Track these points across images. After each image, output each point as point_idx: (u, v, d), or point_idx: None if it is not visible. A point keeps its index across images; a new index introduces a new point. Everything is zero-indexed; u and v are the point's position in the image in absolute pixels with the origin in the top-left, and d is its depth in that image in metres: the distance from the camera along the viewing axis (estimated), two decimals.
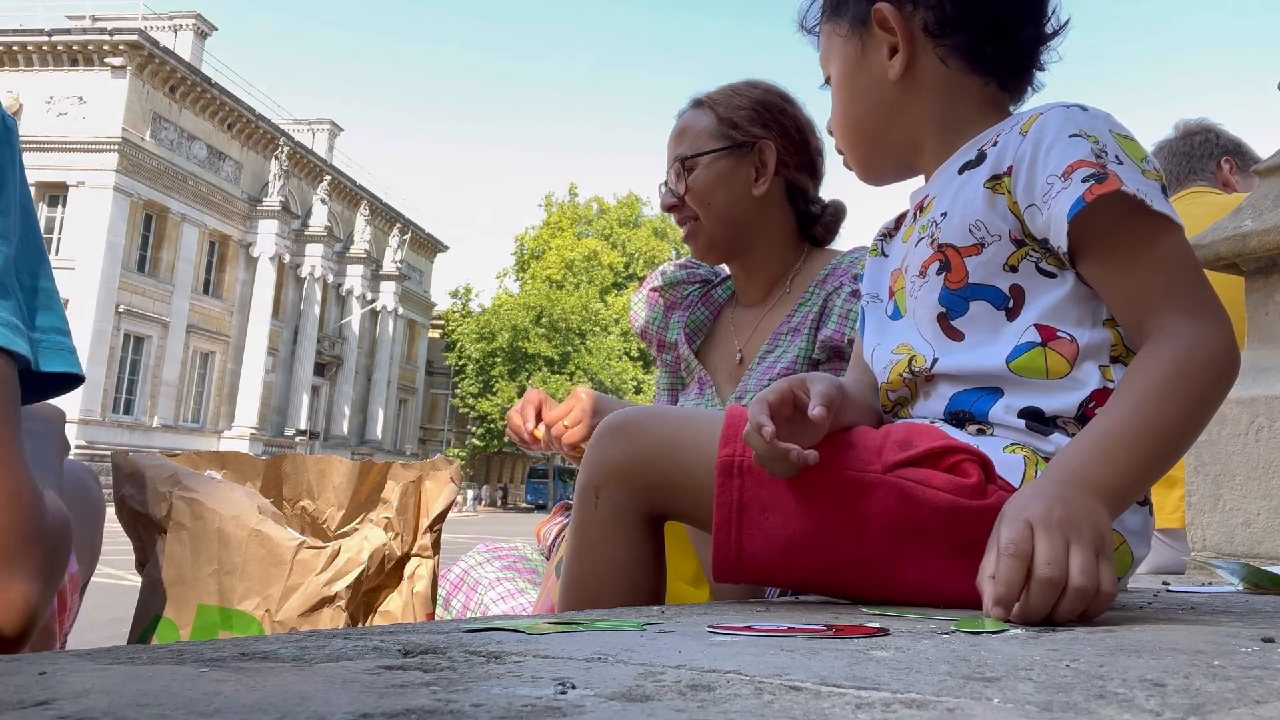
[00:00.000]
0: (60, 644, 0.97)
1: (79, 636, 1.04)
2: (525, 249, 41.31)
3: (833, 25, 1.10)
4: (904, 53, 1.03)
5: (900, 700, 0.41)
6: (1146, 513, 0.92)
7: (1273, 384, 1.62)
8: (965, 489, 0.85)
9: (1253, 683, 0.48)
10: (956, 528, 0.85)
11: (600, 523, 0.99)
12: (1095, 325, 0.91)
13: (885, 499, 0.86)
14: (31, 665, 0.46)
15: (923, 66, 1.03)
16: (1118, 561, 0.86)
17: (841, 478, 0.87)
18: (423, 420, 43.56)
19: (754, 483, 0.89)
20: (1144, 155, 0.90)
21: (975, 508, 0.84)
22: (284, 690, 0.42)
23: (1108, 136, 0.90)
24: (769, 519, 0.89)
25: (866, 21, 1.05)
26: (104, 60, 26.28)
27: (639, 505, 0.99)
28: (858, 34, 1.06)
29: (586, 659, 0.52)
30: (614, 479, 0.98)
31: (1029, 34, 1.03)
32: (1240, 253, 1.68)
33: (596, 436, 1.01)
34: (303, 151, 33.87)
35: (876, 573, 0.89)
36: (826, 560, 0.90)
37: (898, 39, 1.03)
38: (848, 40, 1.08)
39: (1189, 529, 1.68)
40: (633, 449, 0.98)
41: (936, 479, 0.85)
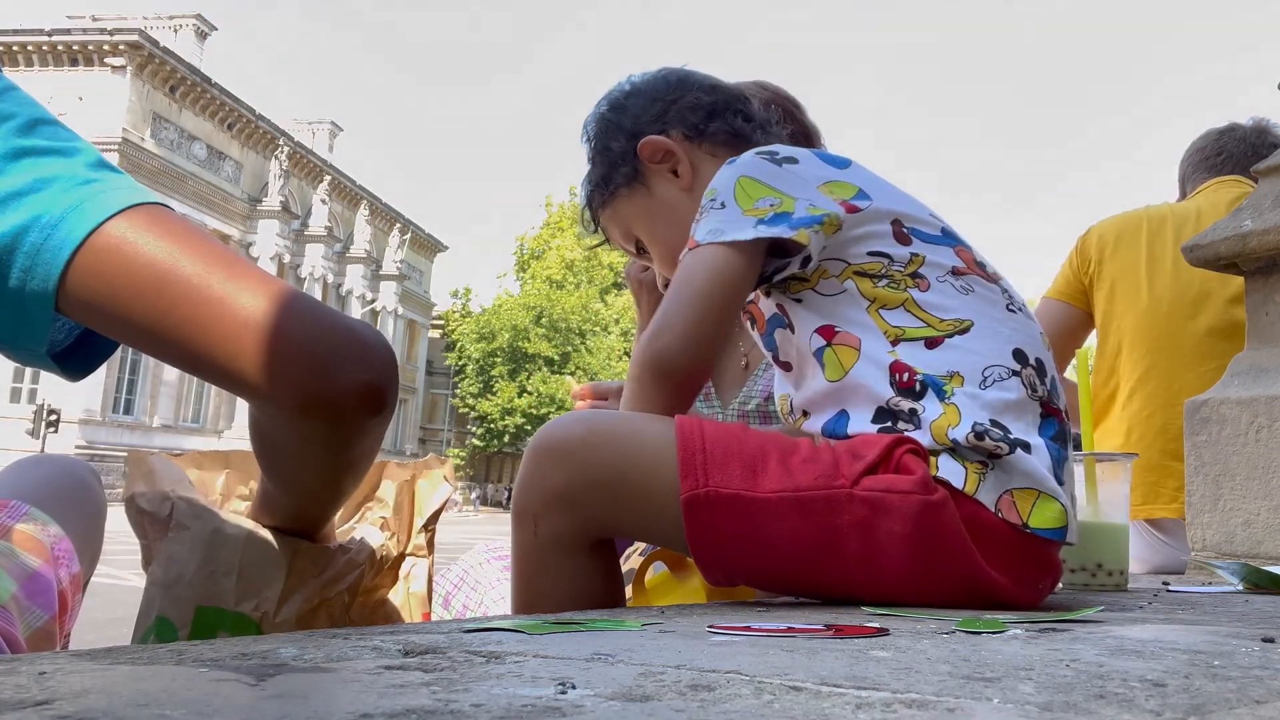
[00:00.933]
0: (62, 644, 0.97)
1: (80, 637, 1.04)
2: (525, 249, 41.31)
3: (613, 204, 1.22)
4: (685, 162, 1.17)
5: (900, 700, 0.41)
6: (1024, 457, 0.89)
7: (1273, 384, 1.62)
8: (920, 484, 0.85)
9: (1253, 683, 0.48)
10: (923, 528, 0.85)
11: (540, 551, 0.93)
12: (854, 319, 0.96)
13: (858, 513, 0.85)
14: (31, 665, 0.46)
15: (702, 165, 1.16)
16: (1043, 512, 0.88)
17: (814, 500, 0.86)
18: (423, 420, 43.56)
19: (725, 514, 0.87)
20: (761, 195, 0.98)
21: (934, 503, 0.85)
22: (284, 690, 0.42)
23: (729, 184, 1.00)
24: (748, 549, 0.88)
25: (638, 168, 1.18)
26: (104, 60, 26.29)
27: (581, 533, 0.93)
28: (638, 184, 1.19)
29: (586, 659, 0.52)
30: (554, 506, 0.92)
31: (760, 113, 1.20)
32: (1240, 253, 1.68)
33: (532, 456, 0.93)
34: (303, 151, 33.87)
35: (862, 588, 0.89)
36: (813, 580, 0.91)
37: (675, 155, 1.17)
38: (631, 198, 1.20)
39: (1189, 529, 1.68)
40: (575, 474, 0.91)
41: (899, 483, 0.86)
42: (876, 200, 1.00)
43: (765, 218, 0.96)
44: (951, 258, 0.98)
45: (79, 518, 1.04)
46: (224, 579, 0.91)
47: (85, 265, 0.68)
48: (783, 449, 0.89)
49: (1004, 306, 0.97)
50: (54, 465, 1.10)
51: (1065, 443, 0.93)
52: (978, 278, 0.98)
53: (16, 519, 0.96)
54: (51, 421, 22.91)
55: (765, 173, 1.00)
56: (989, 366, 0.91)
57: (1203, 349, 1.97)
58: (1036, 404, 0.92)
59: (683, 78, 1.22)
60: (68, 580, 0.97)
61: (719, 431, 0.90)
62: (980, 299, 0.96)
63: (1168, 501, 1.95)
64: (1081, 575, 1.28)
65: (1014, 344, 0.94)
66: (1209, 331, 1.98)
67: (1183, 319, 2.01)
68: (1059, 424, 0.94)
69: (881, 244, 0.97)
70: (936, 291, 0.95)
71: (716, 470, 0.87)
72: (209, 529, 0.93)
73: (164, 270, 0.68)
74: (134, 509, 0.99)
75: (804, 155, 1.04)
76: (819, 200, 0.98)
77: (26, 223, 0.69)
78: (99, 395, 26.01)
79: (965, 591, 0.88)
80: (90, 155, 0.74)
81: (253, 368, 0.67)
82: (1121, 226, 2.16)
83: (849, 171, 1.04)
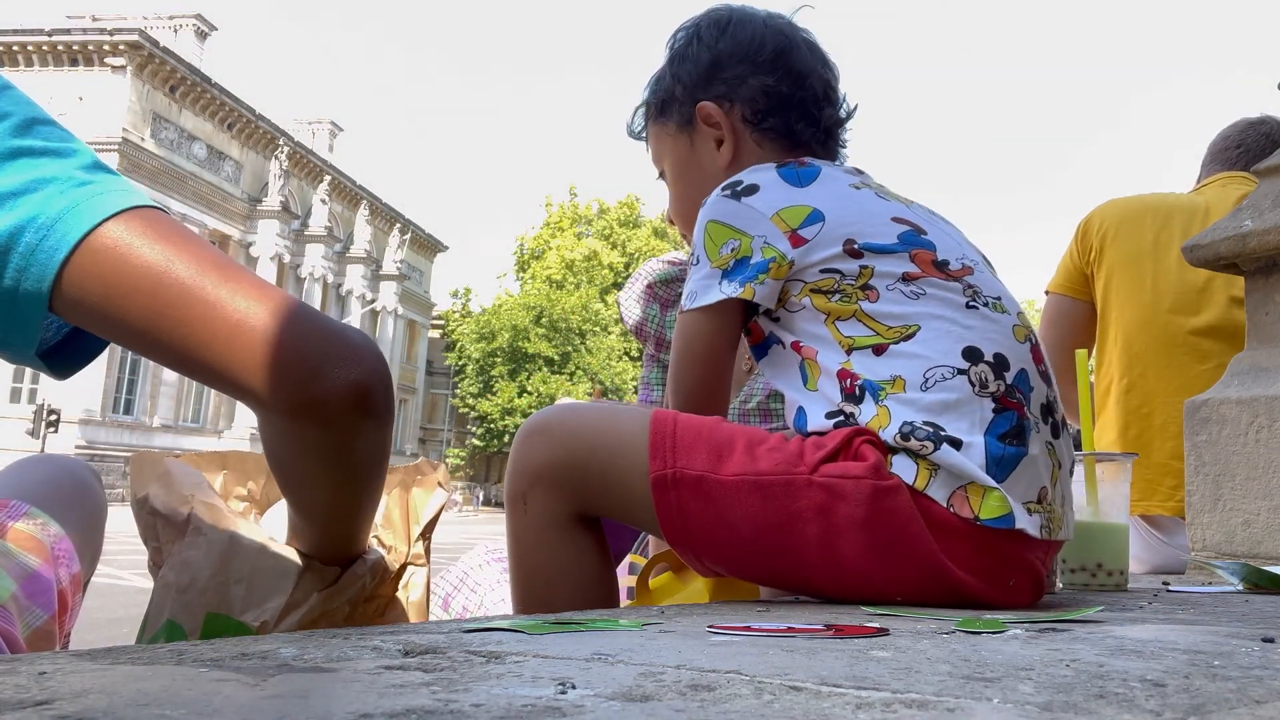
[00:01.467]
0: (62, 644, 0.97)
1: (81, 637, 1.04)
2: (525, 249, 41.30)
3: (660, 126, 1.25)
4: (730, 142, 1.19)
5: (900, 700, 0.41)
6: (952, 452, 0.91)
7: (1273, 384, 1.62)
8: (872, 470, 0.89)
9: (1253, 683, 0.48)
10: (877, 513, 0.88)
11: (533, 528, 0.99)
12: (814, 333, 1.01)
13: (816, 498, 0.89)
14: (31, 665, 0.46)
15: (745, 152, 1.18)
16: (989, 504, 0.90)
17: (773, 484, 0.90)
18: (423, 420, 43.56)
19: (690, 494, 0.92)
20: (725, 239, 1.04)
21: (886, 487, 0.89)
22: (283, 690, 0.42)
23: (700, 236, 1.06)
24: (713, 530, 0.93)
25: (692, 120, 1.20)
26: (104, 60, 26.30)
27: (568, 508, 0.98)
28: (685, 132, 1.22)
29: (586, 659, 0.52)
30: (539, 483, 0.98)
31: (829, 114, 1.20)
32: (1240, 253, 1.68)
33: (520, 438, 1.01)
34: (303, 151, 33.87)
35: (823, 573, 0.92)
36: (777, 565, 0.94)
37: (723, 131, 1.19)
38: (676, 138, 1.23)
39: (1189, 529, 1.68)
40: (556, 451, 0.98)
41: (853, 468, 0.90)
42: (830, 221, 1.02)
43: (727, 268, 1.03)
44: (904, 264, 0.99)
45: (79, 517, 1.04)
46: (235, 587, 0.91)
47: (81, 267, 0.69)
48: (751, 439, 0.94)
49: (963, 305, 0.98)
50: (54, 465, 1.10)
51: (1020, 437, 0.93)
52: (934, 279, 0.99)
53: (16, 518, 0.97)
54: (51, 421, 22.92)
55: (726, 213, 1.05)
56: (931, 369, 0.93)
57: (1203, 347, 1.95)
58: (987, 400, 0.93)
59: (782, 50, 1.19)
60: (67, 580, 0.97)
61: (692, 421, 0.96)
62: (933, 301, 0.97)
63: (1164, 499, 1.94)
64: (1081, 575, 1.28)
65: (966, 342, 0.95)
66: (1210, 330, 1.96)
67: (1185, 316, 1.98)
68: (1018, 418, 0.93)
69: (833, 261, 1.00)
70: (885, 300, 0.97)
71: (684, 453, 0.93)
72: (226, 536, 0.92)
73: (159, 274, 0.69)
74: (147, 511, 0.98)
75: (766, 180, 1.07)
76: (771, 236, 1.02)
77: (22, 223, 0.69)
78: (99, 395, 26.01)
79: (927, 584, 0.90)
80: (86, 156, 0.75)
81: (245, 371, 0.68)
82: (1125, 212, 2.09)
83: (809, 190, 1.06)
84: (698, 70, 1.20)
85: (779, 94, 1.17)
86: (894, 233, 1.02)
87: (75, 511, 1.03)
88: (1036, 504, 0.93)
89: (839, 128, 1.22)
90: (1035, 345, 1.01)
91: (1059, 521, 0.97)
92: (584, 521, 1.00)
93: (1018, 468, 0.92)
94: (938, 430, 0.90)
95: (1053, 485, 0.96)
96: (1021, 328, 1.01)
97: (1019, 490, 0.92)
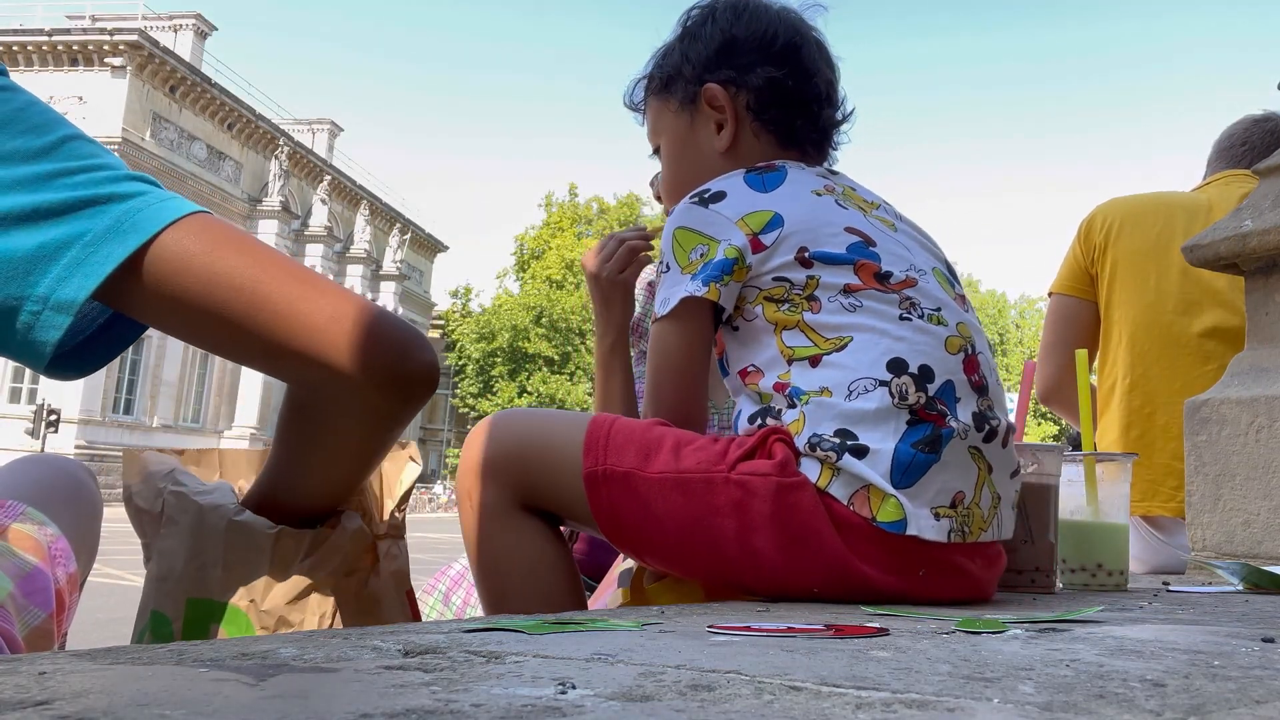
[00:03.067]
0: (60, 644, 0.97)
1: (81, 636, 1.04)
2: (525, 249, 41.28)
3: (662, 102, 1.25)
4: (730, 127, 1.19)
5: (900, 700, 0.41)
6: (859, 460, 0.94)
7: (1273, 384, 1.62)
8: (777, 467, 0.93)
9: (1253, 683, 0.48)
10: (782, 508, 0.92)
11: (482, 521, 1.04)
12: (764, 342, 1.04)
13: (732, 494, 0.94)
14: (31, 665, 0.46)
15: (743, 139, 1.19)
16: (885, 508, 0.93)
17: (693, 481, 0.95)
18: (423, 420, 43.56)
19: (619, 490, 0.97)
20: (693, 245, 1.05)
21: (790, 484, 0.93)
22: (283, 690, 0.42)
23: (669, 244, 1.07)
24: (641, 525, 0.98)
25: (695, 100, 1.20)
26: (104, 60, 26.29)
27: (511, 497, 1.03)
28: (687, 110, 1.22)
29: (586, 659, 0.52)
30: (483, 476, 1.03)
31: (828, 115, 1.21)
32: (1240, 253, 1.68)
33: (466, 441, 1.06)
34: (303, 151, 33.87)
35: (746, 569, 0.96)
36: (704, 560, 0.98)
37: (725, 117, 1.19)
38: (678, 115, 1.23)
39: (1189, 529, 1.68)
40: (496, 445, 1.04)
41: (761, 466, 0.94)
42: (788, 226, 1.04)
43: (696, 272, 1.04)
44: (847, 275, 1.01)
45: (75, 517, 1.04)
46: (211, 570, 0.92)
47: (144, 275, 0.75)
48: (681, 439, 0.99)
49: (896, 318, 1.00)
50: (50, 465, 1.10)
51: (934, 445, 0.95)
52: (873, 291, 1.01)
53: (13, 518, 0.97)
54: (51, 421, 22.92)
55: (695, 219, 1.07)
56: (856, 380, 0.96)
57: (1206, 348, 1.95)
58: (904, 411, 0.95)
59: (793, 44, 1.19)
60: (65, 579, 0.97)
61: (628, 424, 1.01)
62: (867, 313, 1.00)
63: (1165, 499, 1.93)
64: (1081, 575, 1.28)
65: (893, 354, 0.97)
66: (1213, 331, 1.95)
67: (1188, 316, 1.97)
68: (934, 428, 0.96)
69: (785, 270, 1.02)
70: (825, 311, 1.00)
71: (615, 452, 0.98)
72: (195, 521, 0.93)
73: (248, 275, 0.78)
74: (132, 508, 1.00)
75: (733, 187, 1.08)
76: (735, 239, 1.04)
77: (68, 238, 0.73)
78: (99, 395, 26.01)
79: (835, 577, 0.93)
80: (121, 167, 0.79)
81: (340, 354, 0.78)
82: (1128, 210, 2.08)
83: (773, 195, 1.07)
84: (709, 51, 1.20)
85: (784, 87, 1.18)
86: (844, 243, 1.04)
87: (71, 511, 1.03)
88: (949, 509, 0.95)
89: (835, 129, 1.23)
90: (971, 355, 1.03)
91: (981, 523, 0.98)
92: (528, 510, 1.04)
93: (926, 474, 0.94)
94: (845, 440, 0.94)
95: (976, 489, 0.98)
96: (956, 338, 1.02)
97: (926, 496, 0.94)
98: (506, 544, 1.03)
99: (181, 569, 0.93)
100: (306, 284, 0.80)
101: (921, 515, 0.94)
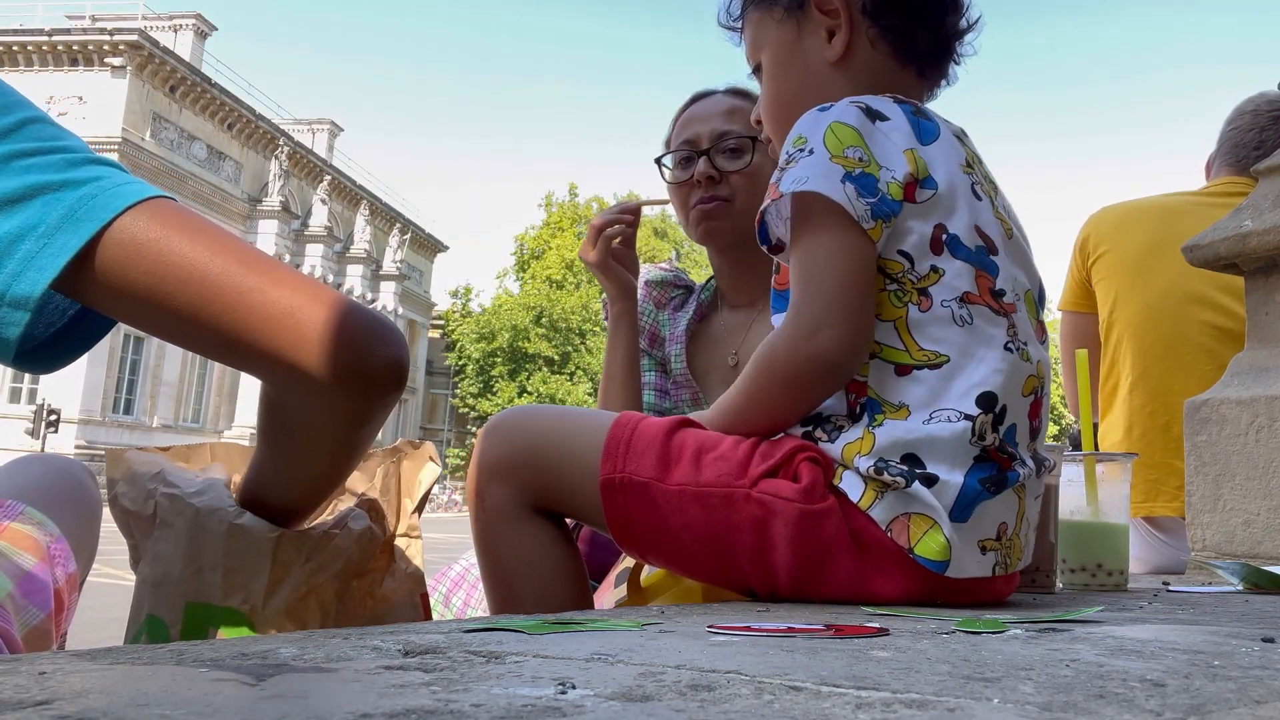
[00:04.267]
0: (59, 644, 0.97)
1: (81, 636, 1.04)
2: (525, 249, 41.27)
3: (763, 12, 1.11)
4: (844, 34, 1.05)
5: (900, 700, 0.41)
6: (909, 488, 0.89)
7: (1273, 384, 1.62)
8: (802, 493, 0.88)
9: (1253, 683, 0.48)
10: (804, 533, 0.88)
11: (491, 522, 1.00)
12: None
13: (753, 512, 0.89)
14: (31, 665, 0.46)
15: (857, 49, 1.06)
16: (929, 542, 0.87)
17: (713, 496, 0.91)
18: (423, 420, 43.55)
19: (636, 500, 0.93)
20: (852, 143, 0.92)
21: (814, 512, 0.88)
22: (284, 690, 0.42)
23: (817, 132, 0.93)
24: (656, 535, 0.94)
25: (804, 5, 1.07)
26: (104, 60, 26.29)
27: (523, 499, 1.00)
28: (793, 18, 1.08)
29: (586, 659, 0.52)
30: (495, 477, 1.00)
31: (951, 22, 1.08)
32: (1240, 253, 1.68)
33: (479, 438, 1.03)
34: (303, 151, 33.86)
35: (760, 582, 0.93)
36: (718, 570, 0.95)
37: (838, 22, 1.05)
38: (782, 25, 1.09)
39: (1189, 529, 1.68)
40: (509, 446, 1.00)
41: (785, 489, 0.89)
42: (941, 192, 0.94)
43: (852, 172, 0.91)
44: (968, 281, 0.92)
45: (74, 517, 1.04)
46: (210, 574, 0.91)
47: (101, 262, 0.72)
48: (701, 445, 0.93)
49: (1002, 345, 0.92)
50: (49, 465, 1.10)
51: (998, 485, 0.90)
52: (986, 308, 0.92)
53: (12, 518, 0.97)
54: (51, 421, 22.91)
55: (857, 121, 0.94)
56: (940, 410, 0.89)
57: (1207, 348, 1.95)
58: (976, 449, 0.89)
59: None
60: (64, 579, 0.97)
61: (651, 426, 0.95)
62: (975, 333, 0.91)
63: (1169, 499, 1.93)
64: (1081, 575, 1.28)
65: (986, 387, 0.90)
66: (1215, 330, 1.96)
67: (1189, 316, 1.98)
68: (999, 469, 0.91)
69: (912, 245, 0.92)
70: (934, 314, 0.91)
71: (634, 459, 0.93)
72: (191, 525, 0.92)
73: (196, 265, 0.74)
74: (119, 509, 0.99)
75: (895, 112, 0.97)
76: (899, 172, 0.92)
77: (21, 229, 0.70)
78: (99, 395, 26.01)
79: (847, 596, 0.90)
80: (81, 152, 0.76)
81: (298, 351, 0.74)
82: (1123, 214, 2.09)
83: (933, 148, 0.97)
84: None
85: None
86: (976, 241, 0.94)
87: (70, 511, 1.03)
88: (994, 540, 0.91)
89: (958, 40, 1.09)
90: (1038, 399, 0.96)
91: (1018, 553, 0.95)
92: (541, 513, 1.00)
93: (983, 507, 0.89)
94: (916, 466, 0.88)
95: (1017, 519, 0.94)
96: (1034, 379, 0.95)
97: (980, 529, 0.90)
98: (516, 546, 1.00)
99: (179, 573, 0.92)
100: (263, 274, 0.76)
101: (968, 552, 0.89)
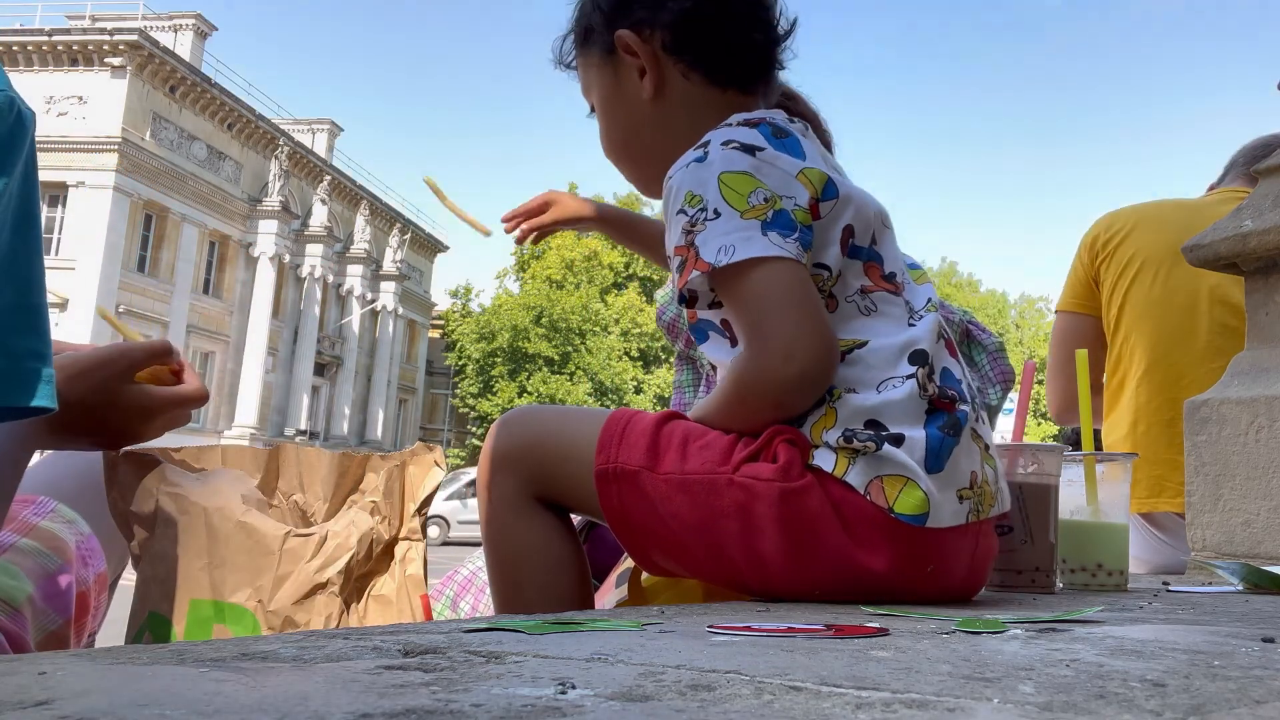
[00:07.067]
0: (87, 644, 0.97)
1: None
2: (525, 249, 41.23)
3: (585, 57, 1.16)
4: (651, 73, 1.09)
5: (900, 700, 0.41)
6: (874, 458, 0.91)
7: (1273, 384, 1.62)
8: (780, 472, 0.90)
9: (1253, 683, 0.48)
10: (787, 511, 0.90)
11: (497, 513, 1.03)
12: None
13: (736, 497, 0.91)
14: (31, 665, 0.46)
15: (670, 84, 1.10)
16: (907, 498, 0.90)
17: (697, 484, 0.93)
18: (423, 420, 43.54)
19: (628, 489, 0.95)
20: (751, 189, 0.93)
21: (793, 489, 0.90)
22: (284, 690, 0.42)
23: (713, 187, 0.94)
24: (649, 525, 0.96)
25: (613, 49, 1.11)
26: (104, 60, 26.27)
27: (527, 490, 1.02)
28: (609, 62, 1.13)
29: (586, 659, 0.52)
30: (500, 468, 1.02)
31: (758, 39, 1.10)
32: (1240, 253, 1.68)
33: (489, 433, 1.06)
34: (303, 151, 33.84)
35: (750, 570, 0.94)
36: (710, 560, 0.96)
37: (643, 61, 1.09)
38: (601, 69, 1.14)
39: (1189, 529, 1.68)
40: (513, 438, 1.03)
41: (764, 470, 0.91)
42: (842, 194, 0.97)
43: (766, 218, 0.92)
44: (860, 276, 0.98)
45: (104, 518, 1.03)
46: (215, 571, 0.92)
47: None
48: (689, 435, 0.96)
49: (905, 322, 0.97)
50: (85, 459, 1.09)
51: (955, 429, 0.94)
52: (884, 293, 0.98)
53: (43, 516, 0.96)
54: None
55: (745, 164, 0.95)
56: (885, 380, 0.93)
57: (1213, 346, 1.95)
58: (925, 401, 0.93)
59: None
60: (92, 579, 0.97)
61: (644, 420, 0.98)
62: (883, 315, 0.97)
63: (1173, 496, 1.93)
64: (1081, 575, 1.28)
65: (914, 346, 0.95)
66: (1222, 329, 1.96)
67: (1197, 314, 1.98)
68: (948, 414, 0.94)
69: (827, 255, 0.96)
70: (841, 313, 0.96)
71: (626, 449, 0.96)
72: (197, 523, 0.93)
73: None
74: (116, 510, 0.99)
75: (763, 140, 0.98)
76: (800, 198, 0.95)
77: None
78: None
79: (841, 580, 0.91)
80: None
81: None
82: (1134, 215, 2.10)
83: (810, 158, 0.99)
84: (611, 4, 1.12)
85: (701, 18, 1.08)
86: (868, 235, 0.99)
87: (103, 506, 1.03)
88: (969, 489, 0.95)
89: (775, 48, 1.12)
90: (948, 340, 1.01)
91: (990, 499, 0.98)
92: (545, 504, 1.03)
93: (953, 455, 0.93)
94: (880, 430, 0.91)
95: (982, 466, 0.98)
96: (936, 323, 0.99)
97: (954, 479, 0.93)
98: (519, 535, 1.03)
99: (182, 570, 0.92)
100: None
101: (947, 501, 0.92)
